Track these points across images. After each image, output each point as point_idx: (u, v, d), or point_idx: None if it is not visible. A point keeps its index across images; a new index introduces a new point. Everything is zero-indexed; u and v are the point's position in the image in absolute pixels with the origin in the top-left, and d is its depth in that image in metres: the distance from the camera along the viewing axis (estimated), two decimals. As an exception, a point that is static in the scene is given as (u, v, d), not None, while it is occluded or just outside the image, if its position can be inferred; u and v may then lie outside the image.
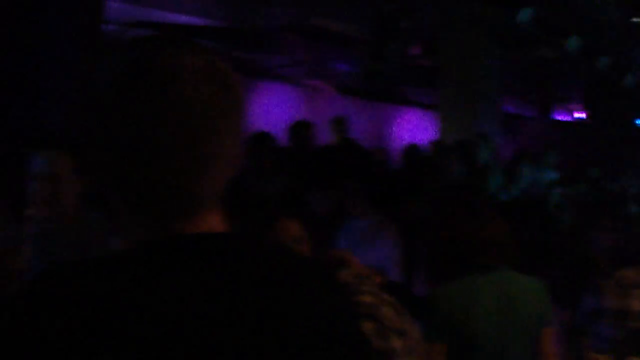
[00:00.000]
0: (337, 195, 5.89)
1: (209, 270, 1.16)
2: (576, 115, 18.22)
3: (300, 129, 7.52)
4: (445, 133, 10.51)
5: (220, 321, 1.12)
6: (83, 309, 1.07)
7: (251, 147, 6.52)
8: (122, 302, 1.09)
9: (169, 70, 1.16)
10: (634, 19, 10.86)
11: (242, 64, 11.95)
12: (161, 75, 1.16)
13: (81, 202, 3.05)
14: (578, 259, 5.34)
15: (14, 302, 1.12)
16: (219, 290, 1.14)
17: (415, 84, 13.35)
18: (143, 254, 1.18)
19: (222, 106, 1.19)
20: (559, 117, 18.39)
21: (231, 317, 1.13)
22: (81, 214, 3.07)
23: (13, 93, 6.36)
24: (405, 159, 8.63)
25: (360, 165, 7.57)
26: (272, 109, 12.33)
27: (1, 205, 3.08)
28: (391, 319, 2.99)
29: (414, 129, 15.33)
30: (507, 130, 12.70)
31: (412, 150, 8.85)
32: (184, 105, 1.15)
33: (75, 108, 6.05)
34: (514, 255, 3.53)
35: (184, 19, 9.93)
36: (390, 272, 5.36)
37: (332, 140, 8.43)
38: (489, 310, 3.37)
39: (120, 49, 1.24)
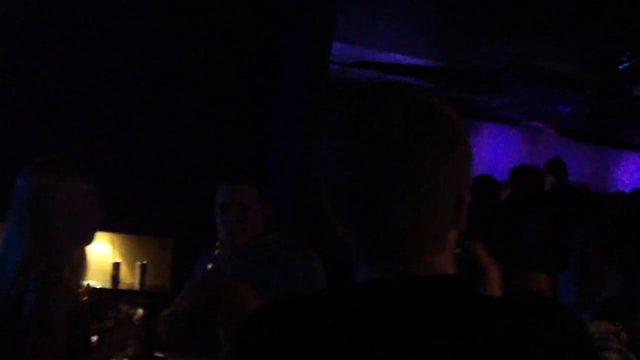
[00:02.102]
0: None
1: (424, 314, 1.17)
2: None
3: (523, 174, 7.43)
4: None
5: None
6: (310, 345, 1.16)
7: (475, 190, 6.51)
8: (344, 338, 1.15)
9: (384, 118, 1.20)
10: None
11: (463, 105, 11.97)
12: (375, 123, 1.20)
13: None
14: None
15: (243, 338, 1.23)
16: (437, 334, 1.15)
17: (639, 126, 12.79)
18: (365, 293, 1.21)
19: (435, 150, 1.20)
20: None
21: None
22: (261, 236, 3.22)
23: (245, 130, 6.74)
24: (631, 204, 8.31)
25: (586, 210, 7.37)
26: (492, 150, 12.24)
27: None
28: None
29: (636, 173, 14.69)
30: None
31: (637, 195, 8.52)
32: (393, 151, 1.18)
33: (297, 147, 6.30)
34: None
35: (404, 59, 10.05)
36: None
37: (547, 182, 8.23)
38: None
39: (347, 95, 1.30)
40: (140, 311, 2.91)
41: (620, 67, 9.05)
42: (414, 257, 1.22)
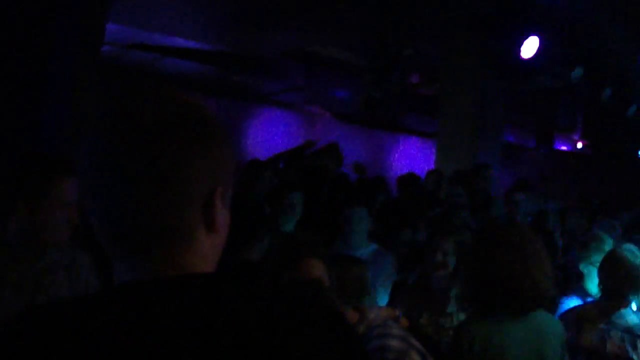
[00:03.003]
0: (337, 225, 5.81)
1: (158, 317, 1.16)
2: (579, 145, 18.18)
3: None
4: (444, 162, 10.44)
5: None
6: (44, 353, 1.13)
7: (246, 176, 6.45)
8: (91, 345, 1.13)
9: (134, 118, 1.21)
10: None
11: (241, 89, 11.93)
12: (125, 124, 1.22)
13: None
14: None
15: None
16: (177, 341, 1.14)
17: (415, 112, 13.32)
18: (114, 297, 1.22)
19: (180, 151, 1.21)
20: (561, 147, 18.35)
21: None
22: None
23: (17, 112, 6.36)
24: (402, 187, 8.54)
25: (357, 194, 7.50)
26: (270, 134, 12.30)
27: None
28: None
29: (412, 157, 15.31)
30: (507, 160, 12.66)
31: (409, 179, 8.76)
32: (138, 151, 1.20)
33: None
34: (550, 296, 3.41)
35: (183, 42, 9.91)
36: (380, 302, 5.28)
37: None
38: (516, 354, 3.24)
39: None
40: None
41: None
42: (164, 257, 1.23)
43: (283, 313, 1.23)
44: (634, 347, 3.97)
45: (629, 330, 4.02)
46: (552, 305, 4.25)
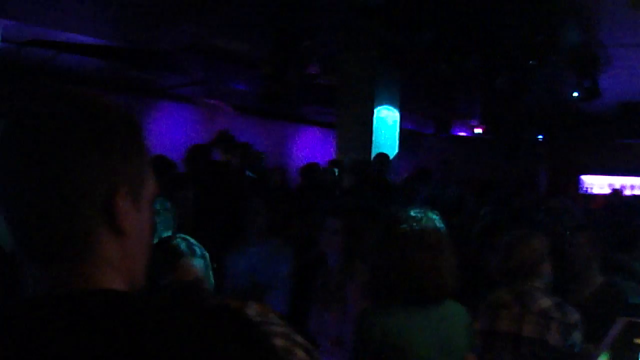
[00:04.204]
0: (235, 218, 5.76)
1: (63, 332, 1.10)
2: (476, 131, 18.54)
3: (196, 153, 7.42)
4: (343, 151, 10.54)
5: None
6: None
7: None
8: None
9: (33, 124, 1.18)
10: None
11: (140, 84, 11.81)
12: (24, 129, 1.18)
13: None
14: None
15: None
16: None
17: (315, 103, 13.40)
18: (22, 309, 1.16)
19: (77, 154, 1.17)
20: (459, 133, 18.69)
21: None
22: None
23: None
24: (303, 178, 8.61)
25: (257, 186, 7.50)
26: (170, 129, 12.21)
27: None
28: None
29: (313, 147, 15.39)
30: (406, 147, 12.83)
31: (309, 169, 8.83)
32: (36, 157, 1.16)
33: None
34: (455, 286, 3.48)
35: (80, 38, 9.73)
36: (284, 296, 5.30)
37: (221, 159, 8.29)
38: (427, 345, 3.31)
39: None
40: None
41: None
42: (67, 266, 1.19)
43: (182, 326, 1.16)
44: (548, 329, 4.09)
45: (542, 313, 4.14)
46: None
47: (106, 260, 1.21)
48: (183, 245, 2.94)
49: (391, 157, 10.15)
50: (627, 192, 18.06)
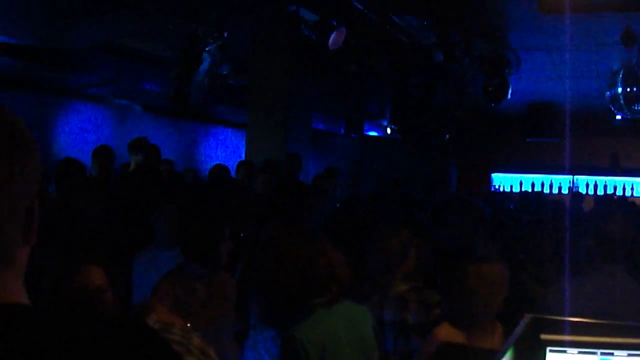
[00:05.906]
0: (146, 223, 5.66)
1: None
2: (388, 130, 18.73)
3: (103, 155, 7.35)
4: (254, 152, 10.55)
5: None
6: None
7: (58, 176, 6.27)
8: None
9: None
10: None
11: (50, 83, 11.62)
12: None
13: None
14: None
15: None
16: None
17: (226, 103, 13.37)
18: None
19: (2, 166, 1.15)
20: (371, 133, 18.84)
21: None
22: None
23: None
24: (212, 179, 8.58)
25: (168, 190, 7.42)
26: (81, 129, 12.06)
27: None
28: None
29: (224, 148, 15.36)
30: (317, 147, 12.90)
31: (218, 170, 8.82)
32: None
33: None
34: (349, 284, 3.44)
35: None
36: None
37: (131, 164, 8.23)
38: (345, 347, 3.27)
39: None
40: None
41: None
42: None
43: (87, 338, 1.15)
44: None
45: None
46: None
47: (20, 272, 1.22)
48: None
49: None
50: (537, 190, 18.76)
